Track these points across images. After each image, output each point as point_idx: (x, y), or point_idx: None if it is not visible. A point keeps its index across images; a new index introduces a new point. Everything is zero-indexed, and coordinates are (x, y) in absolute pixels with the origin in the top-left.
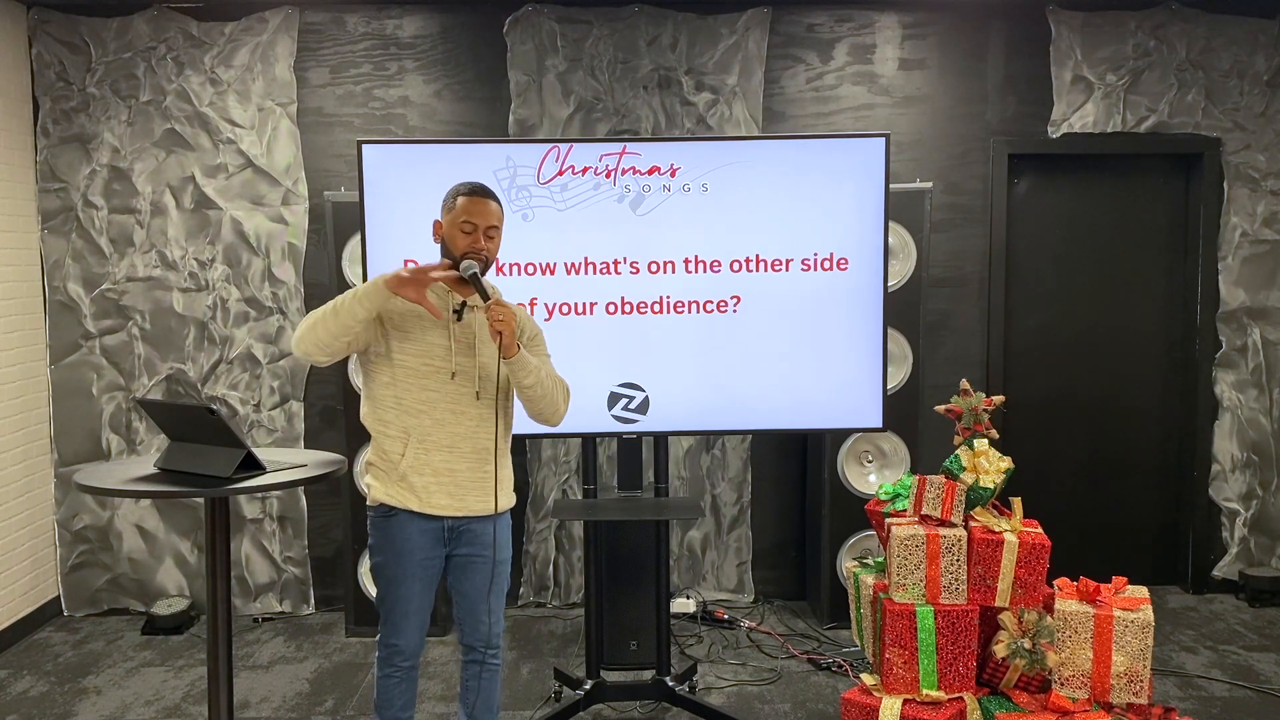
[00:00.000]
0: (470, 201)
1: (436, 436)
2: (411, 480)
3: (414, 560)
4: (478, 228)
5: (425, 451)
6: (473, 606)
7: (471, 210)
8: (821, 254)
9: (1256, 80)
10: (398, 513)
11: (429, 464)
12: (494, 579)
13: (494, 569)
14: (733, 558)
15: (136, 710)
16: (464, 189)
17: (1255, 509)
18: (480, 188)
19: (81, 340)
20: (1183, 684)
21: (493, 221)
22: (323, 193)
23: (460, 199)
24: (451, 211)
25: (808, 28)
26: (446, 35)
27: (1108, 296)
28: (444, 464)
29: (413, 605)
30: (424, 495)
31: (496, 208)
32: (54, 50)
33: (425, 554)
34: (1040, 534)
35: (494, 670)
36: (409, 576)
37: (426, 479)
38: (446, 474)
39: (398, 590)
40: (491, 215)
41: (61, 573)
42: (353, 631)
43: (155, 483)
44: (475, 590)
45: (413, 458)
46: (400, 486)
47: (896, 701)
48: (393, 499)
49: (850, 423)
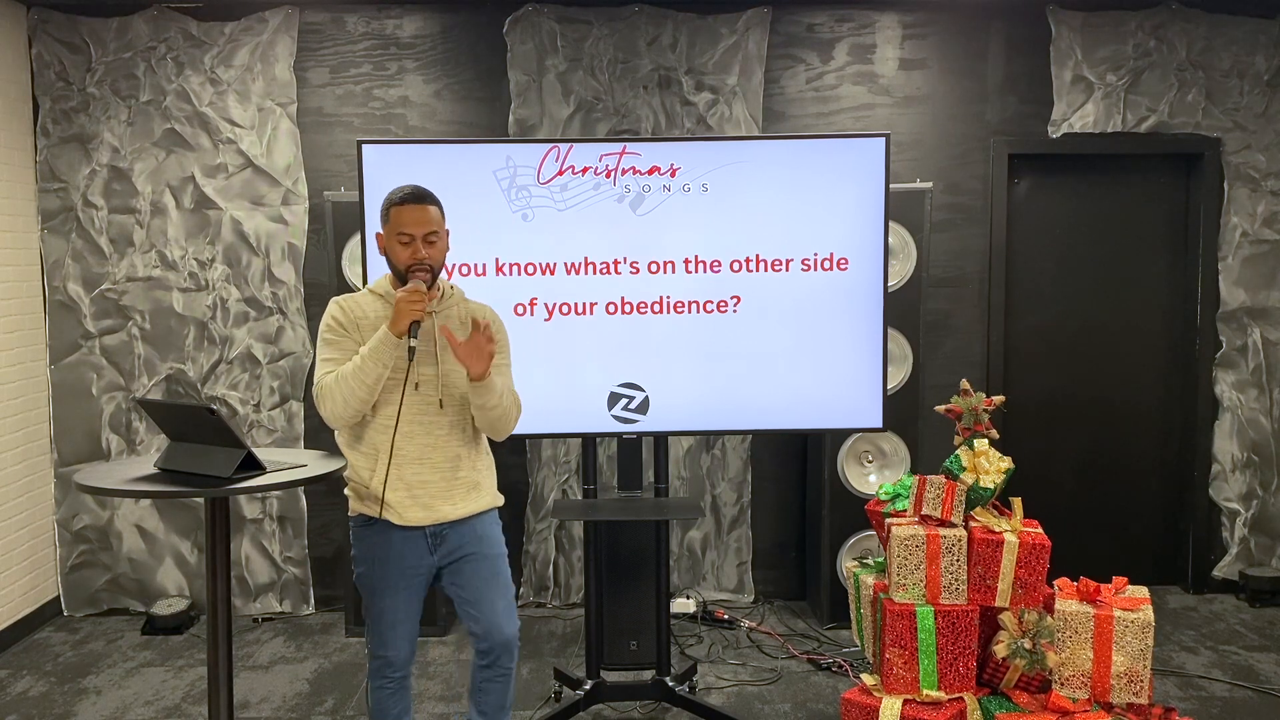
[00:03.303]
0: (403, 211)
1: (406, 450)
2: (386, 497)
3: (397, 569)
4: (414, 238)
5: (397, 466)
6: (477, 603)
7: (405, 219)
8: (821, 254)
9: (1257, 80)
10: (376, 521)
11: (401, 479)
12: (491, 572)
13: (489, 563)
14: (733, 558)
15: (136, 710)
16: (396, 197)
17: (1255, 509)
18: (412, 193)
19: (81, 340)
20: (1183, 684)
21: (431, 227)
22: (323, 193)
23: (393, 209)
24: (388, 224)
25: (808, 28)
26: (446, 35)
27: (1108, 296)
28: (416, 477)
29: (399, 615)
30: (400, 510)
31: (434, 211)
32: (54, 50)
33: (408, 562)
34: (1040, 534)
35: (507, 674)
36: (392, 586)
37: (400, 494)
38: (420, 486)
39: (382, 600)
40: (428, 220)
41: (61, 573)
42: (353, 632)
43: (155, 483)
44: (474, 586)
45: (384, 473)
46: (374, 502)
47: (896, 702)
48: (371, 511)
49: (850, 423)
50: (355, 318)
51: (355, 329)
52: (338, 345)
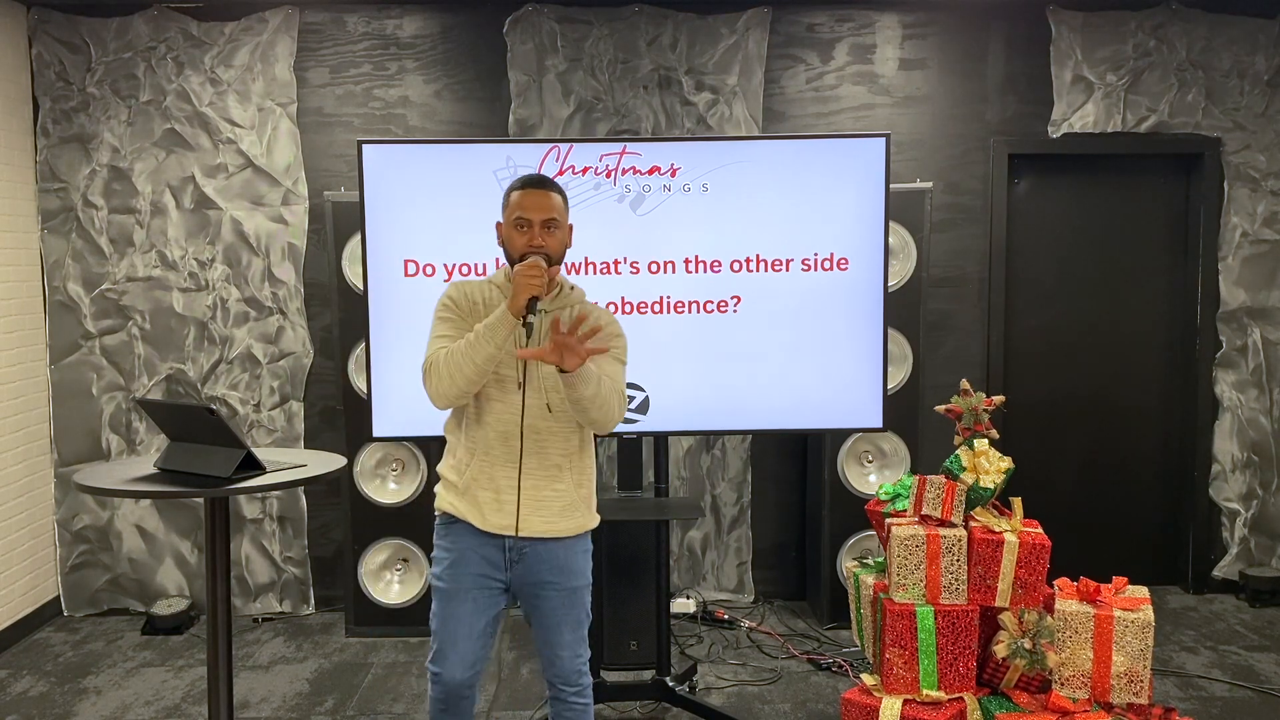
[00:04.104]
0: (523, 195)
1: (500, 451)
2: (475, 494)
3: (469, 574)
4: (532, 223)
5: (490, 465)
6: (547, 639)
7: (525, 204)
8: (821, 254)
9: (1257, 80)
10: (459, 522)
11: (492, 479)
12: (568, 608)
13: (567, 596)
14: (733, 558)
15: (136, 710)
16: (518, 183)
17: (1255, 509)
18: (535, 179)
19: (81, 340)
20: (1183, 684)
21: (550, 214)
22: (323, 193)
23: (514, 194)
24: (507, 209)
25: (808, 28)
26: (446, 35)
27: (1108, 296)
28: (507, 480)
29: (461, 630)
30: (485, 511)
31: (556, 198)
32: (54, 50)
33: (482, 570)
34: (1040, 534)
35: (580, 710)
36: (461, 592)
37: (487, 495)
38: (509, 492)
39: (447, 606)
40: (549, 206)
41: (61, 573)
42: (353, 631)
43: (155, 483)
44: (546, 622)
45: (476, 471)
46: (463, 500)
47: (896, 702)
48: (455, 510)
49: (850, 423)
50: (471, 301)
51: (470, 313)
52: (452, 323)
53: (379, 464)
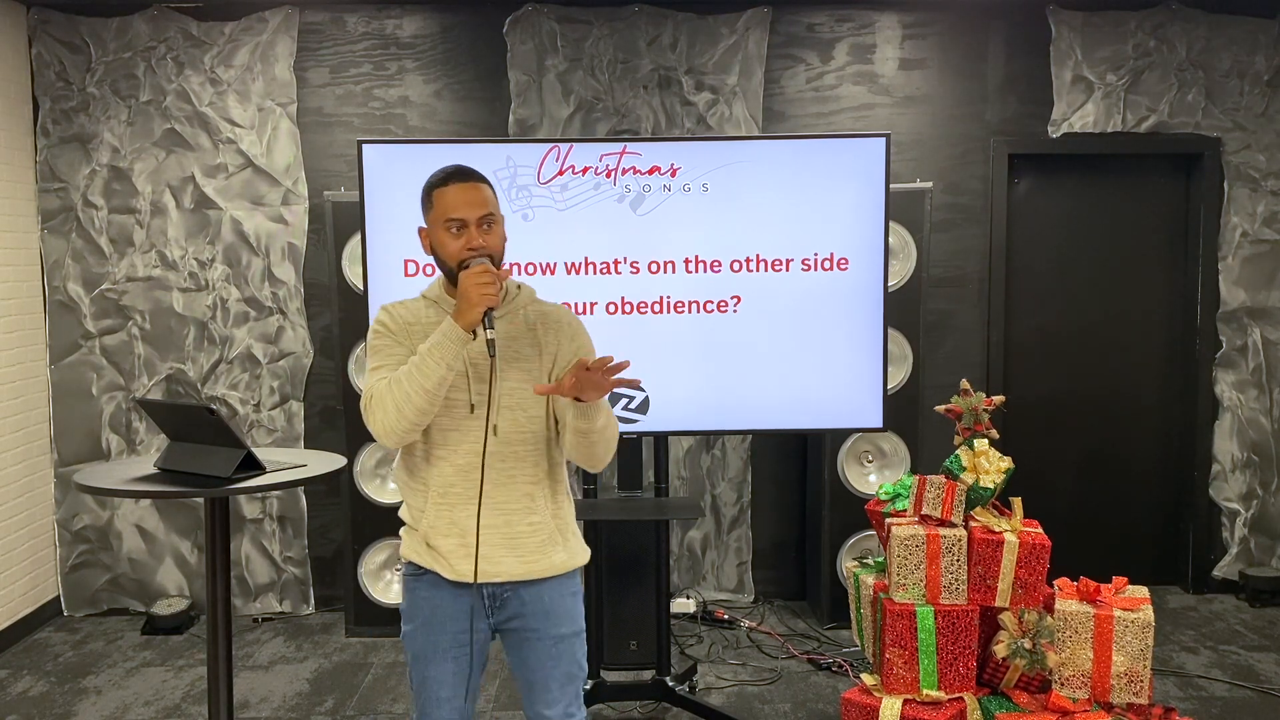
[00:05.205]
0: (447, 192)
1: (460, 488)
2: (436, 543)
3: (445, 633)
4: (467, 222)
5: (449, 508)
6: (532, 696)
7: (454, 202)
8: (822, 254)
9: (1256, 80)
10: (427, 573)
11: (454, 523)
12: (555, 660)
13: (551, 646)
14: (733, 558)
15: (136, 710)
16: (437, 178)
17: (1255, 509)
18: (457, 171)
19: (81, 340)
20: (1183, 684)
21: (486, 209)
22: (323, 193)
23: (436, 192)
24: (432, 210)
25: (808, 28)
26: (446, 35)
27: (1108, 296)
28: (469, 521)
29: (444, 690)
30: (451, 560)
31: (486, 190)
32: (54, 50)
33: (460, 627)
34: (1040, 534)
35: None
36: (439, 653)
37: (451, 541)
38: (473, 534)
39: (426, 669)
40: (482, 201)
41: (61, 573)
42: (353, 631)
43: (155, 483)
44: (533, 676)
45: (434, 515)
46: (425, 550)
47: (896, 701)
48: (420, 559)
49: (850, 423)
50: (405, 324)
51: (406, 336)
52: (388, 351)
53: (379, 464)
